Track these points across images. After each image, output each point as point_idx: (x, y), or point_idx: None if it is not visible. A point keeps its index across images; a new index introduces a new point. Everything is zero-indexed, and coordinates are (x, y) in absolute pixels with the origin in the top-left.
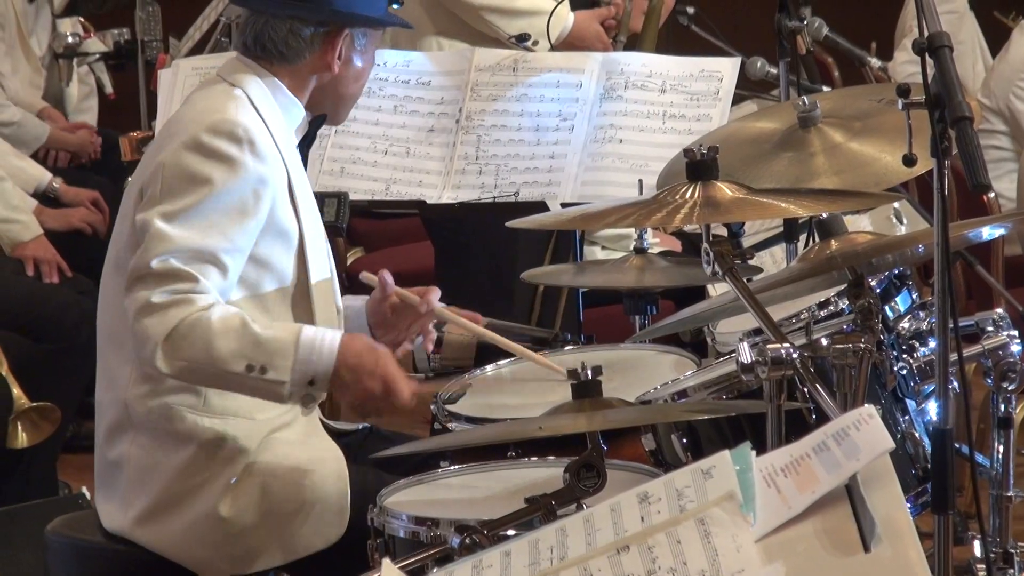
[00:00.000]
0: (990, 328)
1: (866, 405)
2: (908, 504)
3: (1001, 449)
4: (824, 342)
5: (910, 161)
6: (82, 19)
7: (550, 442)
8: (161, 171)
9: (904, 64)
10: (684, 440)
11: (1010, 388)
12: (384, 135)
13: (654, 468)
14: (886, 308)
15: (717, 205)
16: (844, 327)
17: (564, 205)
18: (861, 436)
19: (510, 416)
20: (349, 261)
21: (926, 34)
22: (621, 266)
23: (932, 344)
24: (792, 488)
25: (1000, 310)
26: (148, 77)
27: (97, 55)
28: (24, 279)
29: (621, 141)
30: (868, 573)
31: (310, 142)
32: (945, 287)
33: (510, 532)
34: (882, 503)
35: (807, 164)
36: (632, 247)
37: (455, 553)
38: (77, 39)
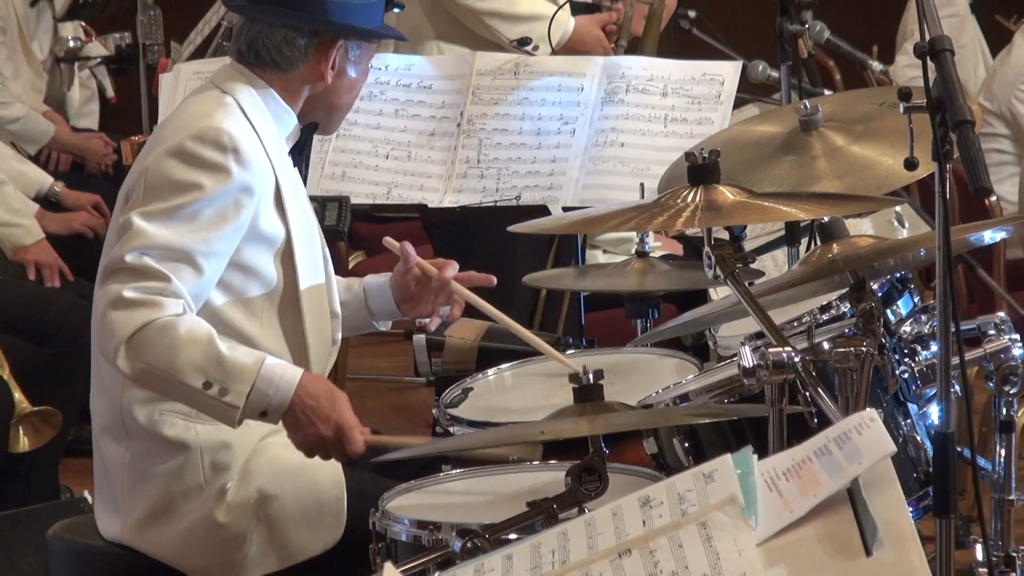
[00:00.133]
0: (992, 332)
1: (868, 409)
2: (910, 508)
3: (1003, 452)
4: (826, 346)
5: (911, 165)
6: (83, 23)
7: (552, 446)
8: (144, 176)
9: (905, 67)
10: (686, 444)
11: (1012, 392)
12: (385, 139)
13: (656, 472)
14: (888, 312)
15: (718, 209)
16: (846, 331)
17: (565, 209)
18: (863, 440)
19: (512, 420)
20: (351, 265)
21: (927, 37)
22: (623, 270)
23: (934, 348)
24: (794, 492)
25: (1002, 313)
26: (149, 81)
27: (98, 59)
28: (26, 283)
29: (623, 145)
30: None
31: (302, 149)
32: (947, 291)
33: (512, 536)
34: (884, 507)
35: (808, 168)
36: (634, 251)
37: (457, 557)
38: (78, 43)
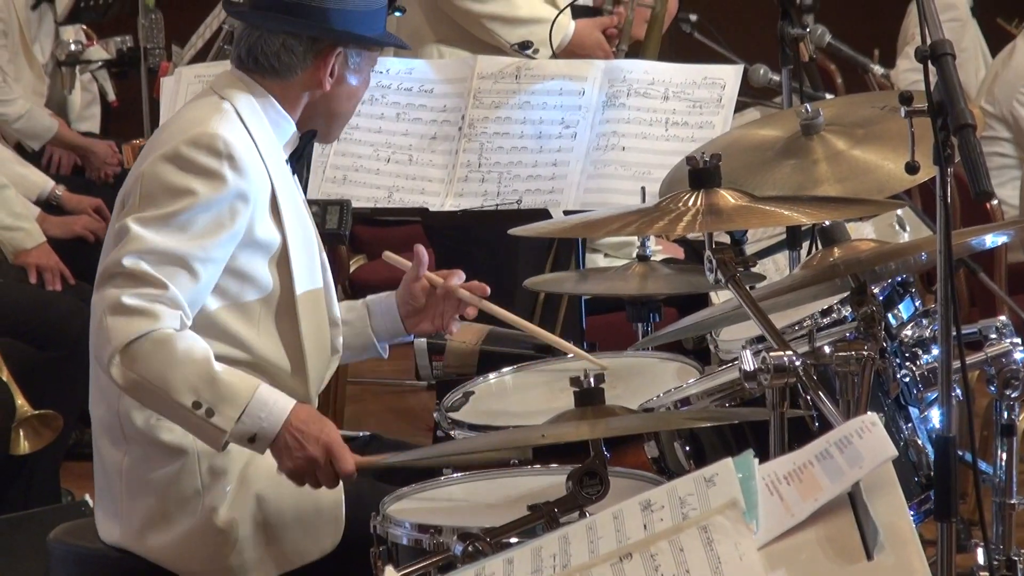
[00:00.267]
0: (993, 335)
1: (869, 413)
2: (911, 511)
3: (1004, 456)
4: (827, 350)
5: (913, 169)
6: (85, 27)
7: (553, 450)
8: (140, 181)
9: (907, 71)
10: (687, 448)
11: (1013, 395)
12: (387, 143)
13: (657, 476)
14: (889, 315)
15: (720, 213)
16: (847, 334)
17: (567, 213)
18: (864, 444)
19: (513, 424)
20: (352, 269)
21: (928, 41)
22: (624, 273)
23: (935, 351)
24: (795, 496)
25: (1003, 317)
26: (151, 85)
27: (100, 62)
28: (27, 287)
29: (624, 148)
30: None
31: (300, 156)
32: (948, 294)
33: (513, 540)
34: (885, 511)
35: (810, 171)
36: (635, 254)
37: (458, 561)
38: (80, 47)
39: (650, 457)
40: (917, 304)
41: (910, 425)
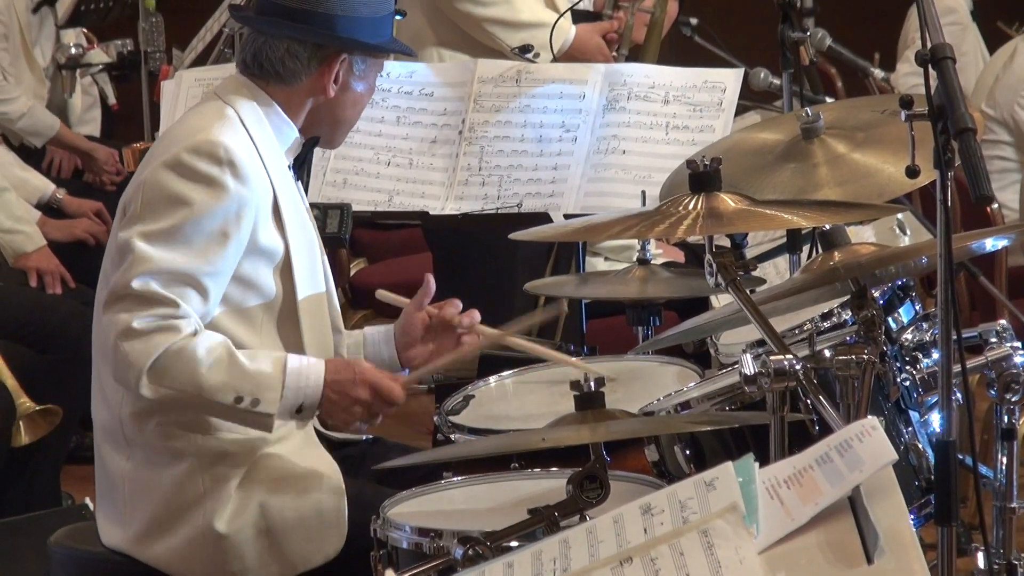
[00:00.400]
0: (993, 339)
1: (869, 417)
2: (911, 515)
3: (1005, 460)
4: (827, 353)
5: (913, 172)
6: (85, 30)
7: (553, 453)
8: (142, 189)
9: (907, 75)
10: (687, 451)
11: (1014, 399)
12: (387, 146)
13: (657, 479)
14: (889, 319)
15: (720, 216)
16: (847, 338)
17: (567, 216)
18: (864, 448)
19: (513, 427)
20: (352, 272)
21: (929, 45)
22: (624, 277)
23: (935, 355)
24: (795, 500)
25: (1003, 321)
26: (151, 88)
27: (100, 66)
28: (27, 290)
29: (624, 152)
30: None
31: (303, 163)
32: (948, 298)
33: (513, 543)
34: (885, 515)
35: (810, 175)
36: (635, 258)
37: (458, 564)
38: (80, 50)
39: (650, 461)
40: (917, 308)
41: (910, 429)
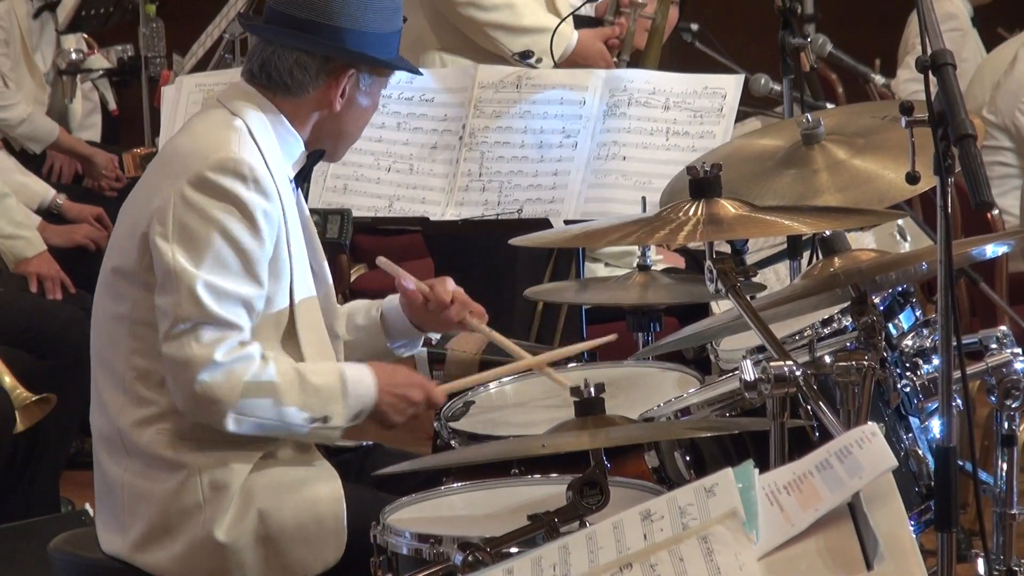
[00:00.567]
0: (994, 346)
1: (869, 423)
2: (912, 522)
3: (1005, 467)
4: (827, 360)
5: (913, 178)
6: (86, 35)
7: (553, 459)
8: (172, 210)
9: (908, 81)
10: (687, 458)
11: (1014, 406)
12: (387, 152)
13: (657, 486)
14: (889, 325)
15: (720, 222)
16: (847, 345)
17: (567, 222)
18: (864, 454)
19: (513, 433)
20: (353, 278)
21: (929, 51)
22: (624, 283)
23: (936, 361)
24: (795, 506)
25: (1004, 327)
26: (151, 93)
27: (101, 71)
28: (28, 296)
29: (624, 158)
30: None
31: (306, 176)
32: (948, 304)
33: (513, 549)
34: (885, 521)
35: (811, 181)
36: (635, 264)
37: (458, 570)
38: (81, 55)
39: (650, 467)
40: (918, 314)
41: (911, 435)
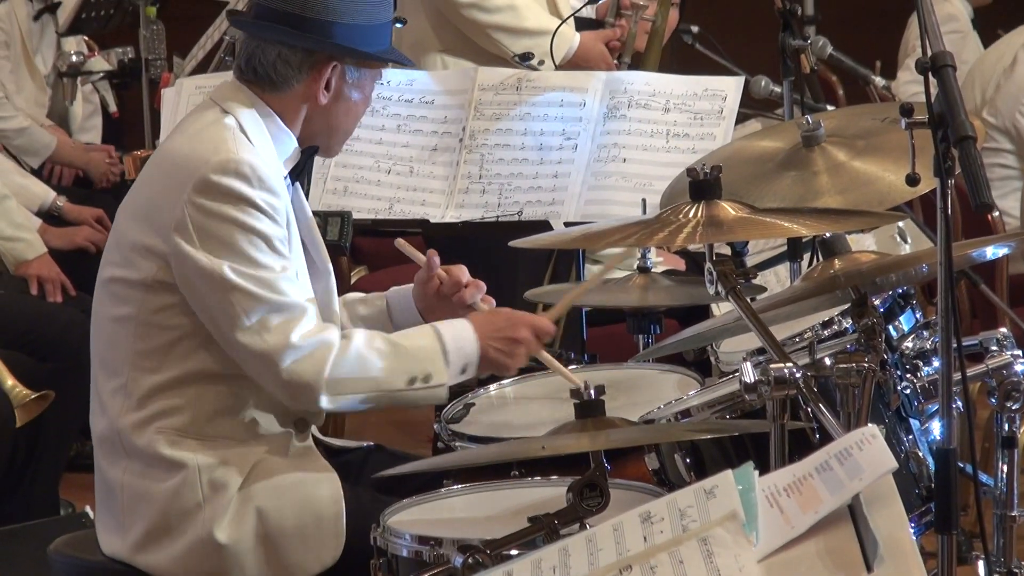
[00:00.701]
0: (994, 347)
1: (869, 425)
2: (912, 524)
3: (1005, 468)
4: (828, 361)
5: (913, 180)
6: (86, 38)
7: (553, 461)
8: (188, 221)
9: (908, 83)
10: (687, 460)
11: (1014, 407)
12: (387, 154)
13: (657, 488)
14: (890, 327)
15: (720, 224)
16: (848, 346)
17: (567, 224)
18: (864, 456)
19: (514, 436)
20: (353, 280)
21: (929, 53)
22: (624, 285)
23: (936, 363)
24: (795, 508)
25: (1004, 329)
26: (152, 96)
27: (101, 73)
28: (28, 298)
29: (625, 160)
30: None
31: (300, 173)
32: (949, 306)
33: (513, 552)
34: (885, 523)
35: (811, 183)
36: (636, 266)
37: (458, 573)
38: (81, 58)
39: (651, 469)
40: (918, 316)
41: (911, 437)
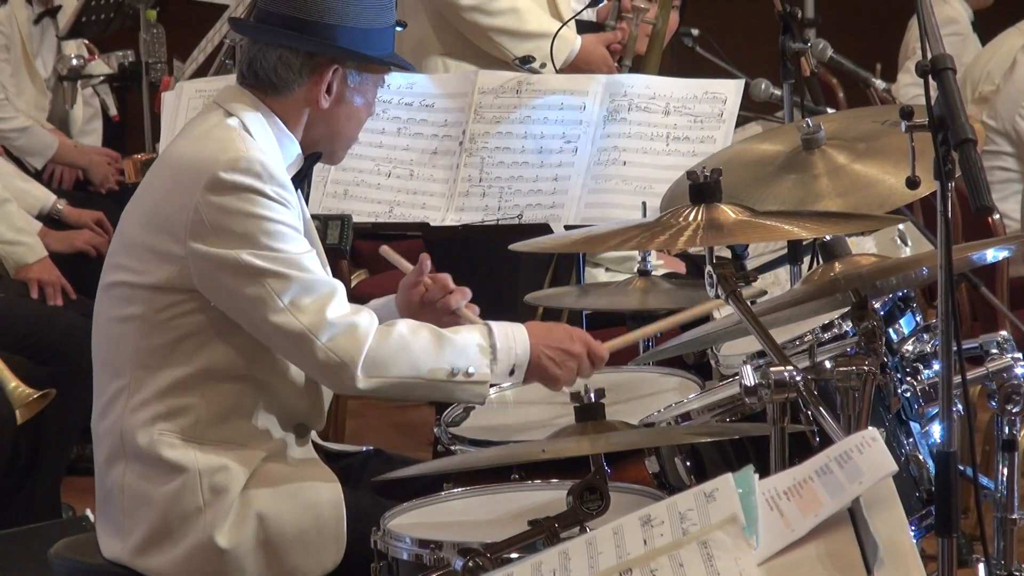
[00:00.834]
0: (994, 350)
1: (869, 428)
2: (912, 527)
3: (1005, 471)
4: (828, 365)
5: (913, 183)
6: (86, 41)
7: (554, 465)
8: (205, 220)
9: (908, 86)
10: (688, 463)
11: (1014, 410)
12: (388, 157)
13: (657, 491)
14: (890, 330)
15: (720, 227)
16: (848, 349)
17: (568, 227)
18: (864, 459)
19: (514, 439)
20: (353, 284)
21: (929, 56)
22: (625, 288)
23: (936, 366)
24: (795, 511)
25: (1004, 332)
26: (152, 99)
27: (101, 77)
28: (28, 302)
29: (625, 163)
30: None
31: (303, 179)
32: (949, 309)
33: (513, 555)
34: (885, 526)
35: (811, 186)
36: (636, 269)
37: None
38: (81, 61)
39: (651, 472)
40: (918, 319)
41: (911, 440)
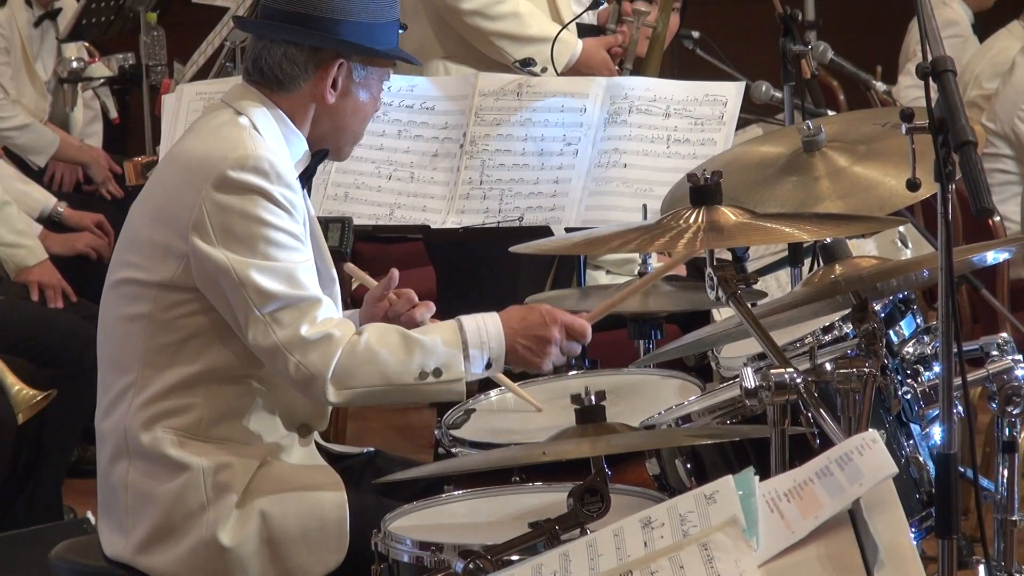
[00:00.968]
0: (995, 352)
1: (870, 430)
2: (912, 528)
3: (1006, 473)
4: (828, 367)
5: (914, 185)
6: (87, 44)
7: (554, 467)
8: (207, 218)
9: (909, 88)
10: (688, 465)
11: (1015, 412)
12: (388, 160)
13: (658, 493)
14: (890, 332)
15: (721, 230)
16: (848, 352)
17: (568, 230)
18: (865, 461)
19: (514, 441)
20: (354, 286)
21: (930, 58)
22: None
23: (936, 368)
24: (795, 513)
25: (1005, 334)
26: (153, 102)
27: (102, 80)
28: (29, 304)
29: (625, 166)
30: None
31: (310, 176)
32: (949, 311)
33: (514, 557)
34: (885, 528)
35: (811, 188)
36: (636, 271)
37: None
38: (82, 64)
39: (651, 474)
40: (919, 321)
41: (911, 442)
